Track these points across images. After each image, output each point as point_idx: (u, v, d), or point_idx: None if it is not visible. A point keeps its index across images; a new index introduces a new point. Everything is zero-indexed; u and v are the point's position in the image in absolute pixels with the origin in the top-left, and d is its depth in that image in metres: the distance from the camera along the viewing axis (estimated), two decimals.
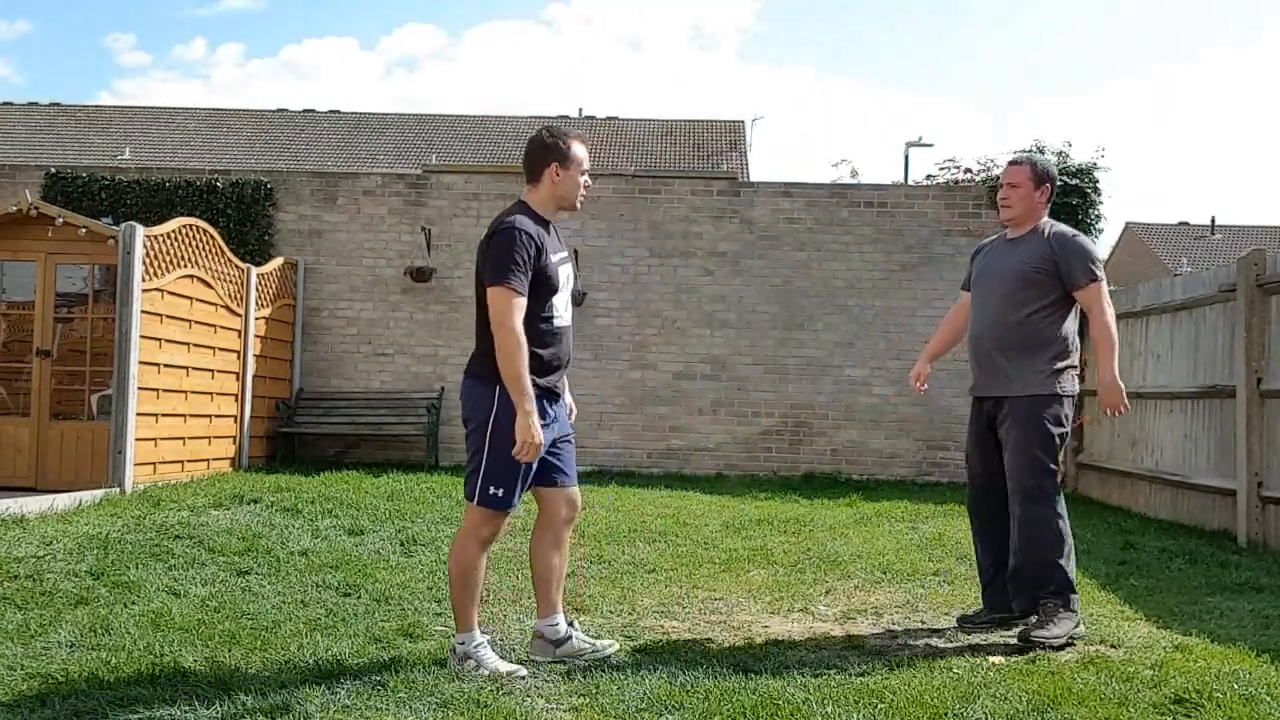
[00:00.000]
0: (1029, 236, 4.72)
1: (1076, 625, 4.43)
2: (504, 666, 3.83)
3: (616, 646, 4.23)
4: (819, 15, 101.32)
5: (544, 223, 4.04)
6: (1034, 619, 4.44)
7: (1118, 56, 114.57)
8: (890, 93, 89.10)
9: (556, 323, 4.02)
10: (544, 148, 4.05)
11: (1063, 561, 4.47)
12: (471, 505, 3.91)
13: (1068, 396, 4.60)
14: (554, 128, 4.14)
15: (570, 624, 4.20)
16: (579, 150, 4.08)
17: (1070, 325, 4.67)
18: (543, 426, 3.90)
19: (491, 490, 3.85)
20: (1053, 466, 4.54)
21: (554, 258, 3.99)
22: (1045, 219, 4.77)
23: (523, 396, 3.77)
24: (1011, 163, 4.80)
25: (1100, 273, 4.63)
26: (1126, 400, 4.50)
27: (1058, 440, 4.56)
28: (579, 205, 4.18)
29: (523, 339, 3.80)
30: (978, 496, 4.83)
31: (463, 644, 3.88)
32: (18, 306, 9.54)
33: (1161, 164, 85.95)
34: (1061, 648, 4.28)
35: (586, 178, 4.14)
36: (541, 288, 3.93)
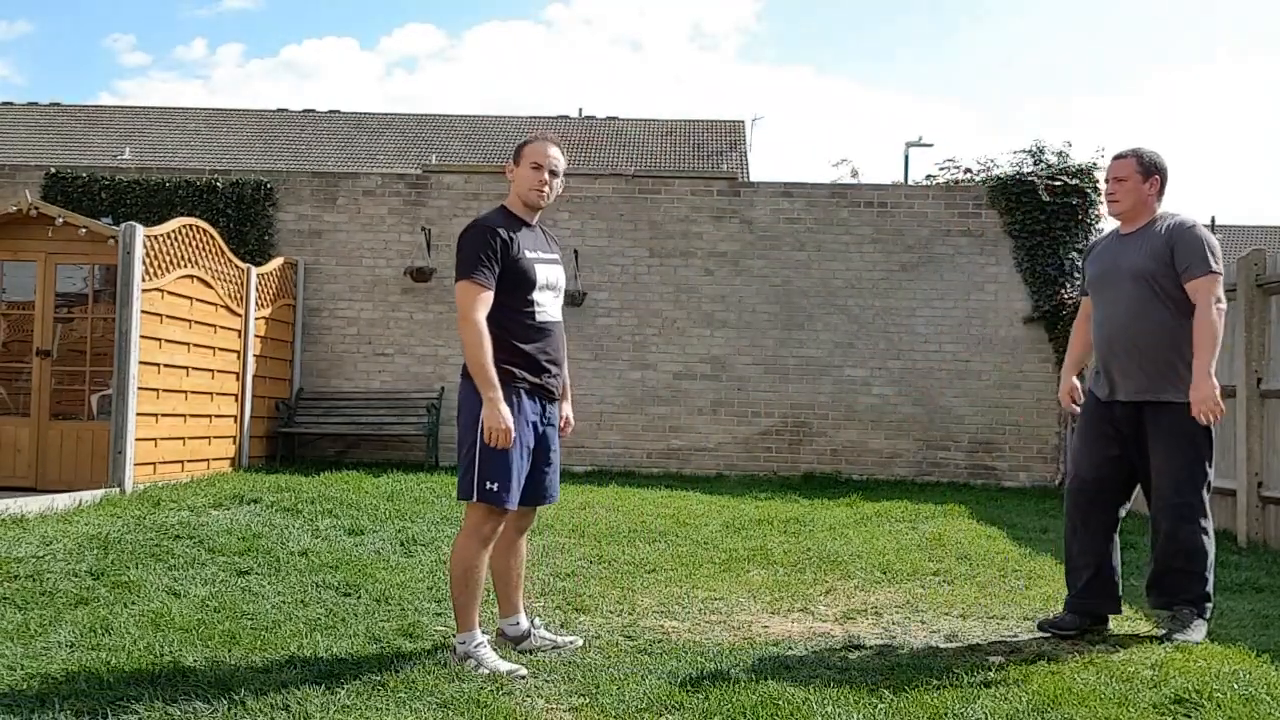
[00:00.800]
0: (1145, 231, 4.52)
1: (1207, 632, 4.43)
2: (504, 666, 3.84)
3: (580, 642, 4.27)
4: (818, 16, 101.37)
5: (520, 223, 4.10)
6: (1169, 622, 4.44)
7: (1118, 58, 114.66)
8: (890, 93, 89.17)
9: (539, 317, 4.06)
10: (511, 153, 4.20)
11: (1206, 574, 4.43)
12: (470, 503, 3.93)
13: None
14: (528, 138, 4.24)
15: (532, 621, 4.29)
16: (530, 147, 4.13)
17: None
18: (540, 423, 4.04)
19: (488, 485, 3.88)
20: (1201, 483, 4.40)
21: (529, 254, 4.03)
22: (1163, 212, 4.56)
23: (486, 385, 3.84)
24: (1116, 156, 4.59)
25: (1215, 266, 4.36)
26: (1220, 404, 4.26)
27: (1208, 453, 4.42)
28: (541, 202, 4.12)
29: (484, 331, 3.87)
30: (1083, 500, 4.62)
31: (463, 643, 3.90)
32: (18, 306, 9.54)
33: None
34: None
35: (545, 174, 4.10)
36: (518, 283, 3.99)
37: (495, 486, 3.88)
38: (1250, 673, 3.82)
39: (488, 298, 3.91)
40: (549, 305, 4.10)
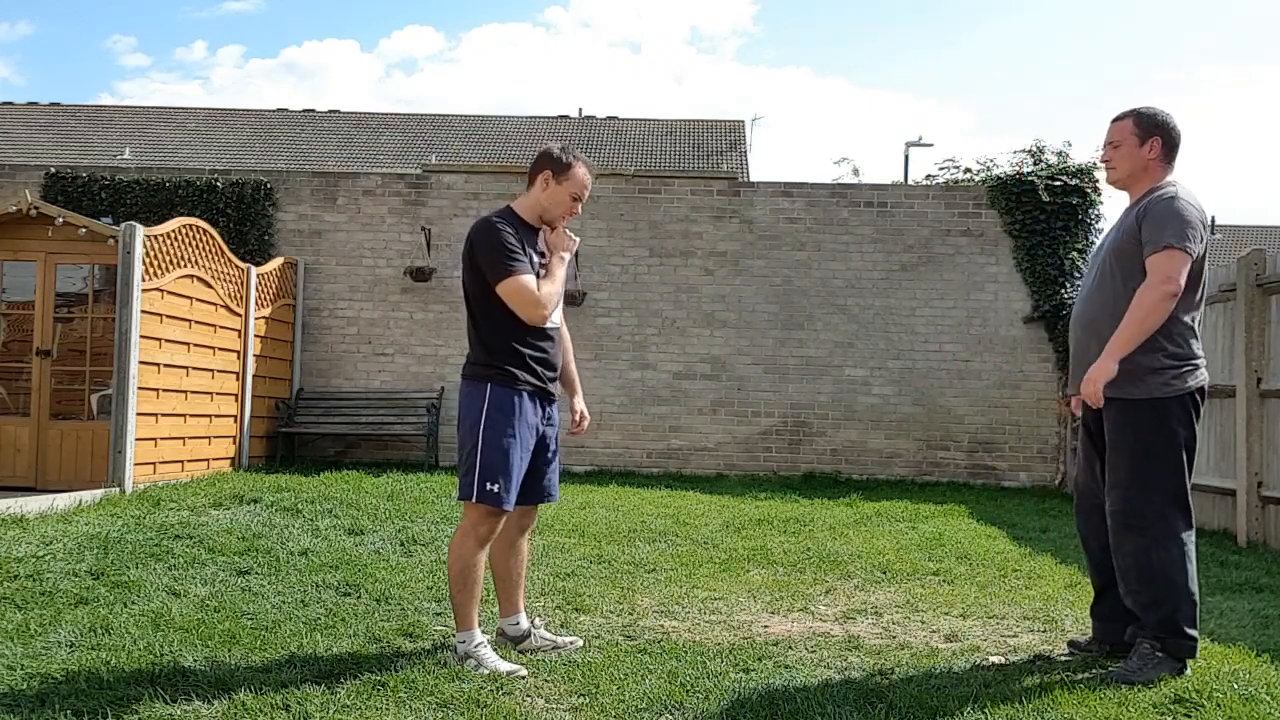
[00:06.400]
0: (1136, 203, 4.00)
1: (1177, 672, 3.79)
2: (504, 666, 3.84)
3: (580, 642, 4.27)
4: (816, 17, 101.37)
5: (528, 228, 4.08)
6: (1130, 658, 3.88)
7: (1117, 57, 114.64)
8: (890, 93, 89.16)
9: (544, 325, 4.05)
10: (548, 156, 4.09)
11: (1164, 601, 3.81)
12: (469, 503, 3.94)
13: (1175, 398, 3.86)
14: (569, 147, 4.16)
15: (532, 621, 4.29)
16: (579, 171, 4.08)
17: (1179, 309, 3.87)
18: (540, 424, 4.07)
19: (488, 486, 3.88)
20: (1157, 490, 3.84)
21: (535, 260, 4.03)
22: (1169, 180, 4.01)
23: (563, 254, 4.08)
24: (1114, 119, 4.08)
25: (1176, 240, 3.77)
26: (1099, 397, 3.80)
27: (1167, 455, 3.85)
28: (556, 225, 4.12)
29: (537, 294, 3.90)
30: (1078, 512, 4.27)
31: (463, 643, 3.90)
32: (18, 306, 9.54)
33: None
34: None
35: (578, 206, 4.12)
36: None
37: (496, 488, 3.88)
38: (1250, 673, 3.82)
39: (533, 280, 3.92)
40: (553, 311, 4.10)
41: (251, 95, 72.56)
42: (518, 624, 4.24)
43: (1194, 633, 3.85)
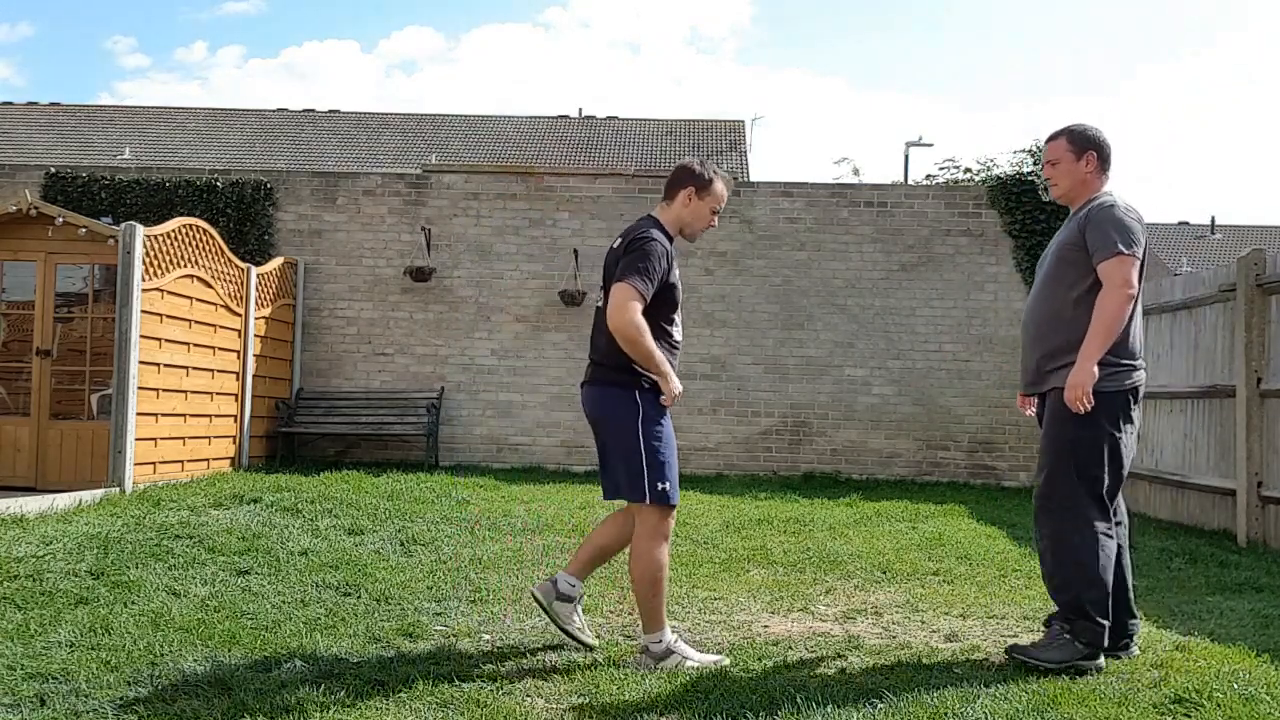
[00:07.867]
0: (1076, 212, 4.26)
1: (1084, 657, 3.90)
2: (707, 658, 3.98)
3: (597, 643, 4.26)
4: (814, 18, 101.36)
5: (668, 238, 4.17)
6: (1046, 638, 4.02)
7: (1118, 57, 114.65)
8: (889, 94, 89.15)
9: (676, 336, 4.15)
10: (688, 171, 4.19)
11: (1072, 583, 3.96)
12: (644, 506, 3.98)
13: (1110, 394, 3.98)
14: (707, 161, 4.25)
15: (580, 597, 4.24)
16: (719, 187, 4.19)
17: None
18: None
19: (660, 486, 3.96)
20: (1078, 477, 3.98)
21: (677, 274, 4.12)
22: (1106, 192, 4.23)
23: (661, 366, 3.94)
24: (1049, 138, 4.34)
25: (1124, 247, 3.98)
26: (1089, 401, 3.92)
27: (1091, 446, 3.98)
28: (694, 239, 4.27)
29: (643, 323, 3.91)
30: (1034, 515, 4.31)
31: (658, 643, 3.97)
32: (18, 306, 9.53)
33: (1161, 164, 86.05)
34: (1057, 672, 3.85)
35: (715, 219, 4.24)
36: (668, 301, 4.07)
37: (665, 486, 3.97)
38: (1250, 673, 3.82)
39: (639, 306, 3.93)
40: (680, 325, 4.20)
41: (250, 97, 72.58)
42: (575, 586, 4.17)
43: (1103, 620, 3.94)
